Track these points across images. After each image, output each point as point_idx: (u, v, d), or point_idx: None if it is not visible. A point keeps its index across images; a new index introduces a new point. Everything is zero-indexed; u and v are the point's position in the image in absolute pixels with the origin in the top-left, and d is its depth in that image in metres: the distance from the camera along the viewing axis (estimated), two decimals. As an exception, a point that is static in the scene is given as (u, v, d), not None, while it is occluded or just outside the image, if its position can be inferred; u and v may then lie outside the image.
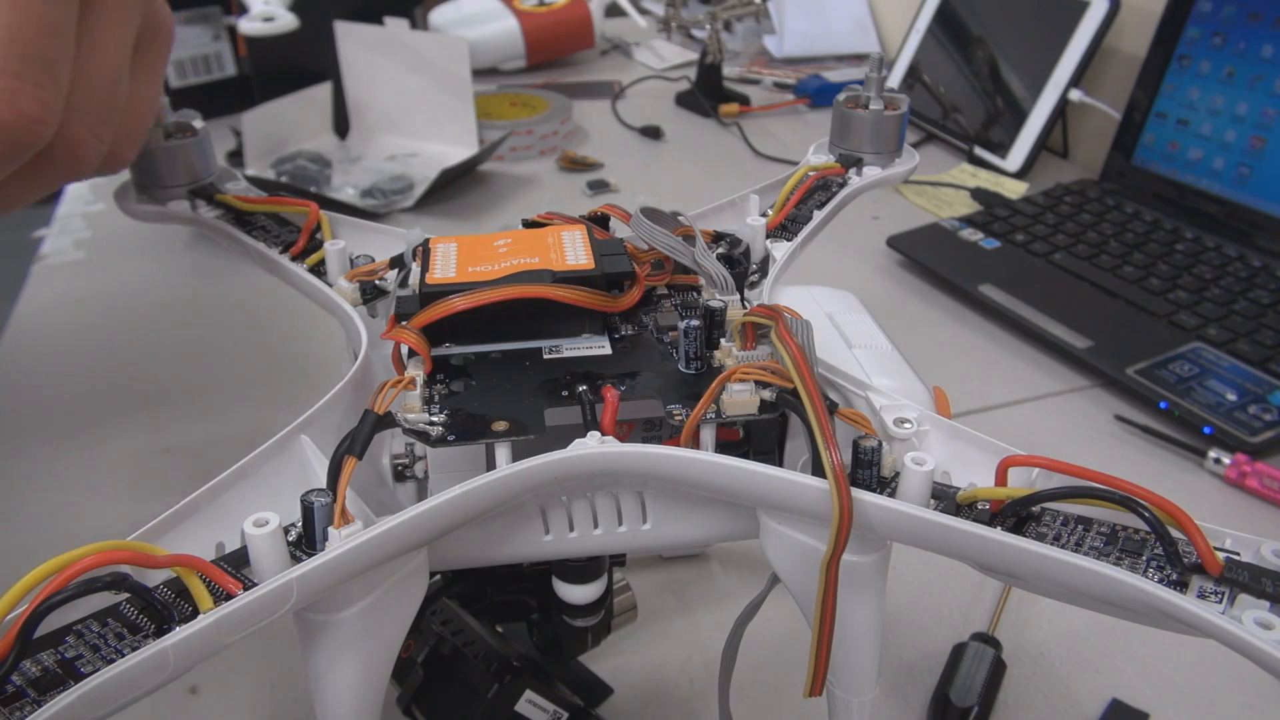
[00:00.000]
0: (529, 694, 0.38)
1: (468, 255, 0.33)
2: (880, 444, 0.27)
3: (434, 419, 0.27)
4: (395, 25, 0.93)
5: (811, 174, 0.41)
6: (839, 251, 0.82)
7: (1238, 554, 0.24)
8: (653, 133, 1.06)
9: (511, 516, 0.28)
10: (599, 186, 0.93)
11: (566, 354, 0.31)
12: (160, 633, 0.22)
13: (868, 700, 0.29)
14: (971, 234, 0.82)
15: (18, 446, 0.61)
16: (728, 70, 1.19)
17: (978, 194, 0.92)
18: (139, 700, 0.21)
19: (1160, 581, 0.23)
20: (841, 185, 0.42)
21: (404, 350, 0.30)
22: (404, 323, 0.30)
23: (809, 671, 0.26)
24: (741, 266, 0.36)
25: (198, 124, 0.40)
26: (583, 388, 0.29)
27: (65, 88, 0.29)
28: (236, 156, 0.91)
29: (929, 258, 0.79)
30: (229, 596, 0.22)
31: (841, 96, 0.43)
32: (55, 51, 0.28)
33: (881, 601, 0.28)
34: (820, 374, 0.31)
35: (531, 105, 1.05)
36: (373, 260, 0.37)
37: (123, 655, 0.21)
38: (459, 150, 0.93)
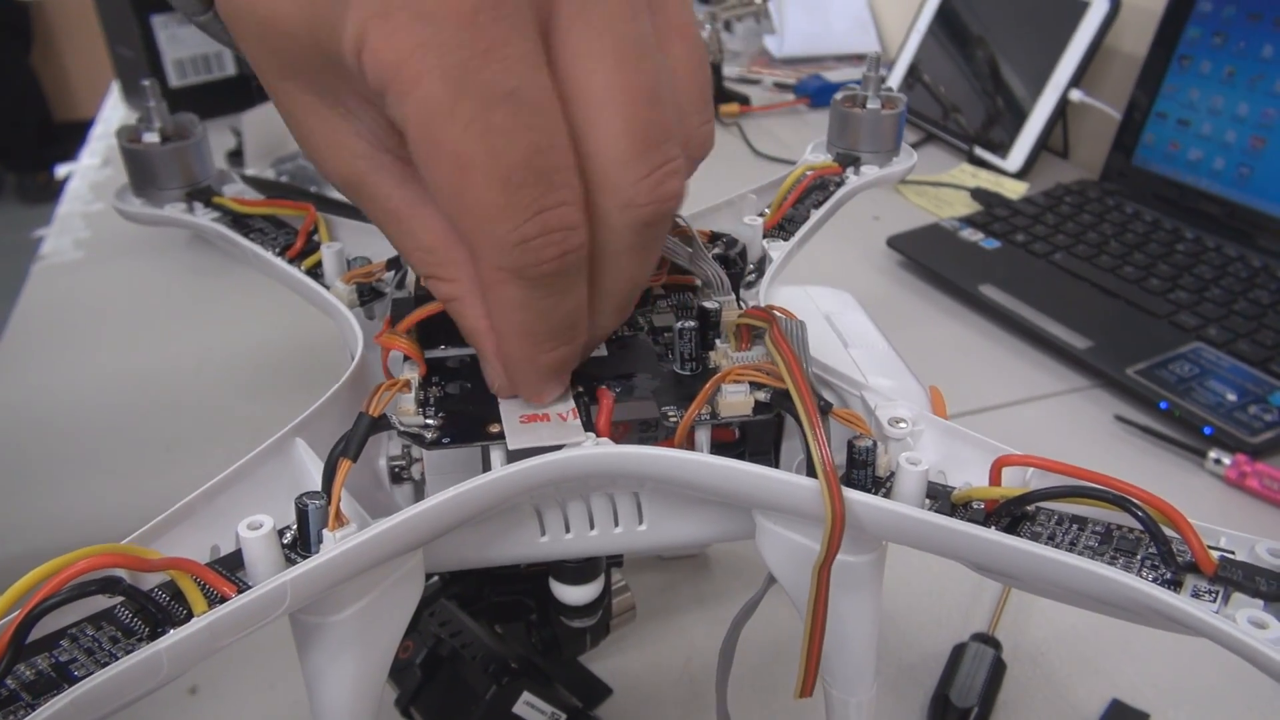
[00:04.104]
0: (527, 695, 0.38)
1: (464, 257, 0.33)
2: (875, 444, 0.27)
3: (429, 421, 0.27)
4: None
5: (809, 173, 0.41)
6: (839, 251, 0.82)
7: (1232, 553, 0.24)
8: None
9: (507, 518, 0.28)
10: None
11: None
12: (154, 636, 0.22)
13: (864, 700, 0.29)
14: (971, 234, 0.82)
15: (17, 447, 0.61)
16: (728, 70, 1.19)
17: (978, 194, 0.92)
18: (134, 703, 0.21)
19: (1154, 581, 0.23)
20: (839, 184, 0.42)
21: (396, 354, 0.30)
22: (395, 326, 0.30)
23: (800, 673, 0.26)
24: (738, 266, 0.36)
25: (195, 127, 0.40)
26: (578, 389, 0.29)
27: None
28: (236, 156, 0.91)
29: (929, 258, 0.79)
30: (223, 599, 0.22)
31: (839, 96, 0.43)
32: None
33: (877, 601, 0.28)
34: (816, 374, 0.31)
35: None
36: (370, 262, 0.37)
37: (117, 659, 0.21)
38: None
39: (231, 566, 0.24)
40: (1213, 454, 0.57)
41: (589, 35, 0.22)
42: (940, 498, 0.26)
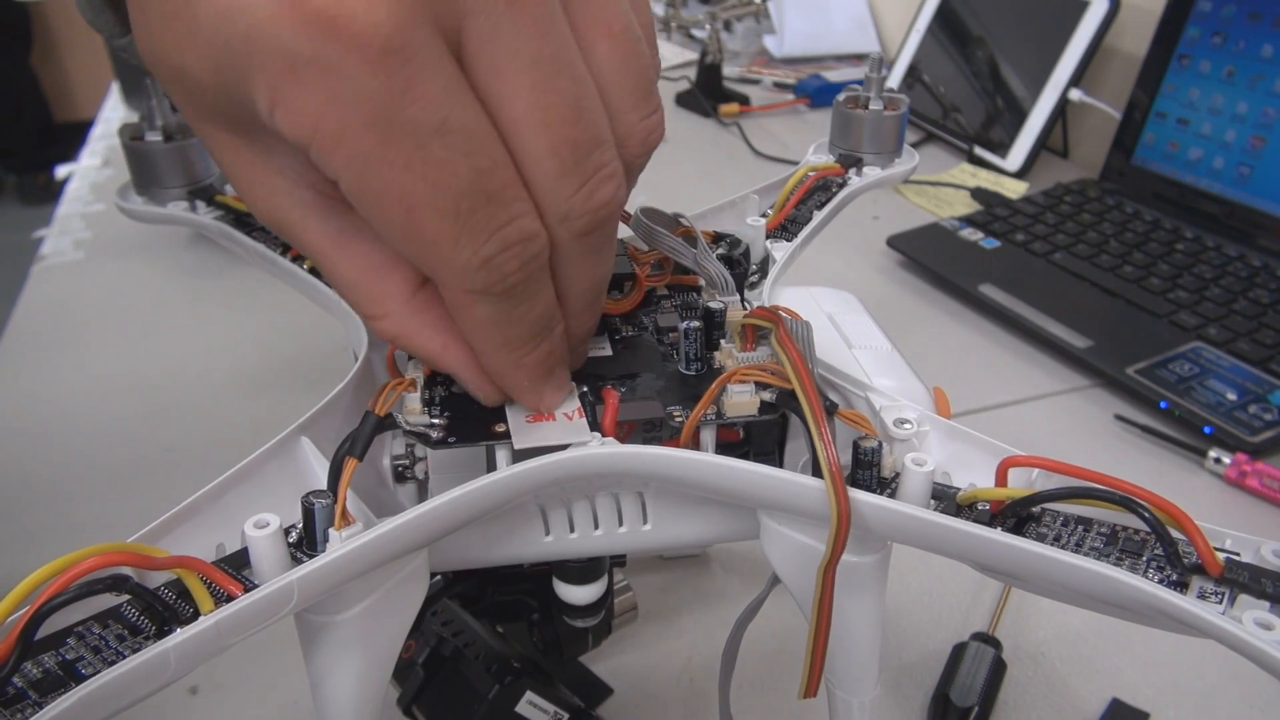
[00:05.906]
0: (529, 695, 0.38)
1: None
2: (880, 445, 0.27)
3: (434, 420, 0.27)
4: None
5: (811, 174, 0.41)
6: (839, 251, 0.83)
7: (1238, 554, 0.24)
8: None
9: (512, 518, 0.28)
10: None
11: None
12: (161, 634, 0.22)
13: (868, 701, 0.30)
14: (971, 234, 0.82)
15: (17, 448, 0.61)
16: (728, 70, 1.19)
17: (978, 194, 0.92)
18: (140, 702, 0.21)
19: (1160, 582, 0.23)
20: (841, 185, 0.42)
21: (401, 352, 0.30)
22: None
23: (804, 674, 0.26)
24: (741, 267, 0.36)
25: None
26: (583, 389, 0.29)
27: None
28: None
29: (929, 258, 0.79)
30: (230, 598, 0.22)
31: (841, 97, 0.43)
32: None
33: (881, 602, 0.28)
34: (820, 375, 0.31)
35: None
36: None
37: (124, 657, 0.21)
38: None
39: (237, 565, 0.24)
40: (1213, 453, 0.57)
41: (502, 58, 0.22)
42: (945, 498, 0.26)
